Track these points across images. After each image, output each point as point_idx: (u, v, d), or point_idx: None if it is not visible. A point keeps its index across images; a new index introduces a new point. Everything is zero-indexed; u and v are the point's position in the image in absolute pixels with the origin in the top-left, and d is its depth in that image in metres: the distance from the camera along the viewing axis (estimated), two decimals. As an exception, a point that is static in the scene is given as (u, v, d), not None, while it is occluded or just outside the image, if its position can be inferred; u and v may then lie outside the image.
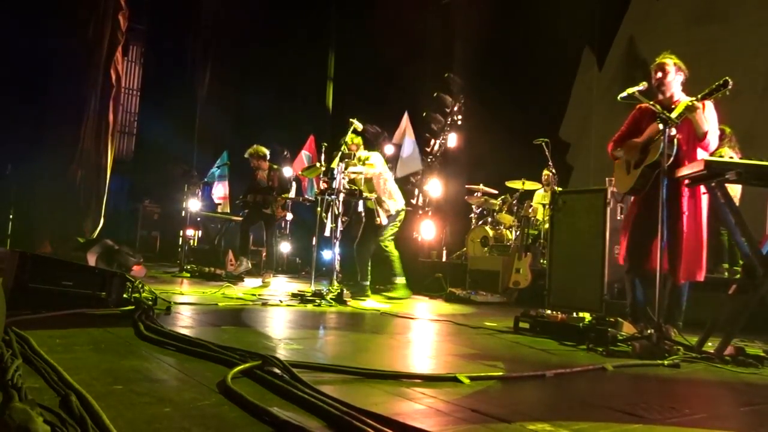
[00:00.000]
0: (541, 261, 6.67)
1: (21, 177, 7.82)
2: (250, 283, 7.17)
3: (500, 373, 2.41)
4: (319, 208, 6.07)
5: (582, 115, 8.81)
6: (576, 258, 5.42)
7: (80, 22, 8.34)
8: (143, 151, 14.18)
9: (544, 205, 7.13)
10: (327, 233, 5.78)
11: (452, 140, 9.98)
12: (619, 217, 5.25)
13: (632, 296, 3.92)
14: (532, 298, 6.46)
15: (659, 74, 3.78)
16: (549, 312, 4.02)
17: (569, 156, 8.75)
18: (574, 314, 3.88)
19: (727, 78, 3.29)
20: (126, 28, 9.16)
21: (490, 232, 7.75)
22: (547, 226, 6.64)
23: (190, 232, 9.57)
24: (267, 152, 8.09)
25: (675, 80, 3.79)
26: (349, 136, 6.21)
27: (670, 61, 3.79)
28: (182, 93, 11.61)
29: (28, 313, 3.02)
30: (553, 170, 7.45)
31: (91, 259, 6.08)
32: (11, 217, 7.72)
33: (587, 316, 3.79)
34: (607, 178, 5.10)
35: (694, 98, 3.44)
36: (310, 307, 4.92)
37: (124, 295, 3.76)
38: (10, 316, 2.73)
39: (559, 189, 6.55)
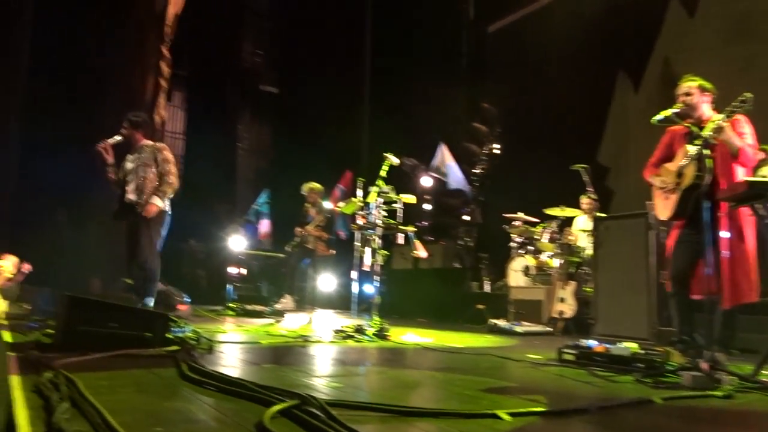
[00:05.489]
0: (585, 288, 6.52)
1: (73, 221, 8.15)
2: (297, 320, 7.21)
3: (541, 409, 2.35)
4: (358, 243, 6.11)
5: (620, 138, 8.68)
6: (622, 284, 5.28)
7: (125, 70, 8.80)
8: (188, 191, 14.61)
9: (584, 231, 7.00)
10: (367, 268, 5.80)
11: (489, 169, 9.96)
12: (663, 241, 5.12)
13: (679, 323, 3.78)
14: (578, 327, 6.31)
15: (684, 97, 3.73)
16: (595, 342, 3.92)
17: (609, 180, 8.61)
18: (622, 344, 3.77)
19: (746, 93, 3.25)
20: (169, 75, 9.59)
21: (532, 261, 7.64)
22: (588, 252, 6.52)
23: (233, 270, 9.75)
24: (323, 189, 8.57)
25: (701, 101, 3.74)
26: None
27: (694, 84, 3.74)
28: (223, 135, 12.03)
29: (76, 356, 3.11)
30: (594, 195, 7.33)
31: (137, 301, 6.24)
32: (63, 260, 8.02)
33: (634, 345, 3.67)
34: (647, 202, 4.99)
35: (720, 118, 3.37)
36: (351, 342, 4.91)
37: (168, 335, 3.84)
38: (59, 359, 2.83)
39: (601, 215, 6.43)
